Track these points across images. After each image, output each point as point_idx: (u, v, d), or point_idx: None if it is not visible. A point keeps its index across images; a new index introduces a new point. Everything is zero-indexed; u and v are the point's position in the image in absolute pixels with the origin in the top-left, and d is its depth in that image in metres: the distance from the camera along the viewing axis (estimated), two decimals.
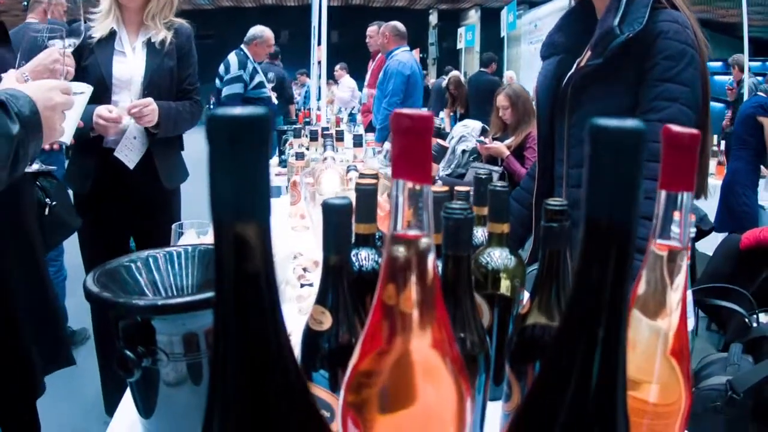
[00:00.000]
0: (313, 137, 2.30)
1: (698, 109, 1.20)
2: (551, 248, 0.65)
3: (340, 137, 2.09)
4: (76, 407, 2.36)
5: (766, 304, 2.35)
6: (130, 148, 1.94)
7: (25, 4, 3.22)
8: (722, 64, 6.79)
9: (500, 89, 3.74)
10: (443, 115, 6.47)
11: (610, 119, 0.31)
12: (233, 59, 4.24)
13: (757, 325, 2.24)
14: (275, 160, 3.13)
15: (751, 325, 2.24)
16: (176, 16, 2.03)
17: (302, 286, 1.26)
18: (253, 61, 4.29)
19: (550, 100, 1.41)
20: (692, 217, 0.51)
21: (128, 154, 1.94)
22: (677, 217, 0.47)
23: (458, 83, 6.58)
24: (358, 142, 2.13)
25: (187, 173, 2.16)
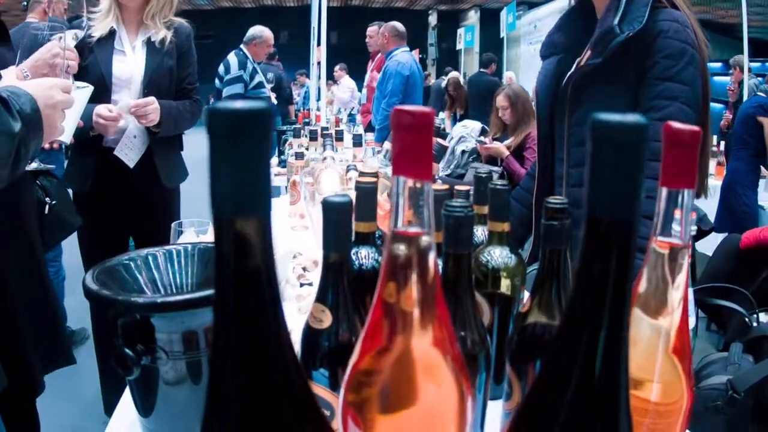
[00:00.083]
0: (312, 137, 2.30)
1: (698, 108, 1.20)
2: (552, 247, 0.65)
3: (339, 137, 2.09)
4: (75, 407, 2.35)
5: (766, 303, 2.35)
6: (130, 147, 1.93)
7: (24, 4, 3.22)
8: (722, 64, 6.78)
9: (500, 89, 3.74)
10: (443, 115, 6.47)
11: (611, 114, 0.31)
12: (233, 59, 4.24)
13: (757, 324, 2.24)
14: (275, 160, 3.13)
15: (751, 324, 2.24)
16: (176, 16, 2.03)
17: (302, 285, 1.26)
18: (252, 61, 4.29)
19: (550, 99, 1.41)
20: (693, 215, 0.51)
21: (128, 153, 1.94)
22: (678, 215, 0.47)
23: (457, 84, 6.57)
24: (357, 141, 2.13)
25: (186, 173, 2.16)
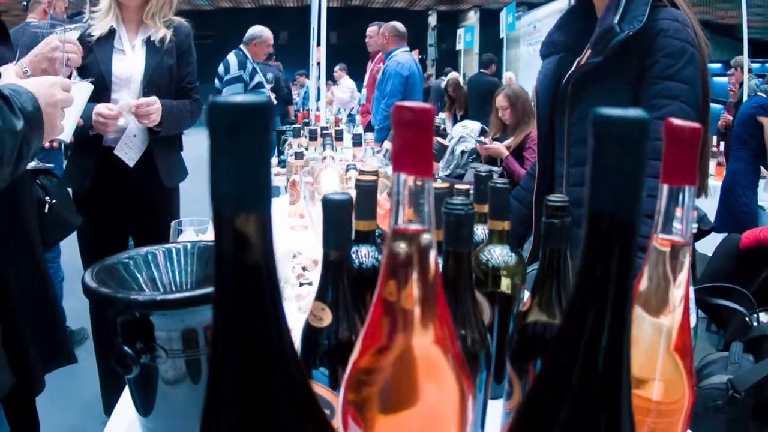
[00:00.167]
0: (312, 137, 2.30)
1: (698, 107, 1.20)
2: (552, 245, 0.65)
3: (339, 137, 2.09)
4: (74, 406, 2.35)
5: (766, 303, 2.35)
6: (129, 146, 1.93)
7: (24, 4, 3.22)
8: (721, 65, 6.77)
9: (499, 90, 3.74)
10: (444, 115, 6.46)
11: (613, 109, 0.31)
12: (233, 59, 4.24)
13: (757, 324, 2.24)
14: (274, 160, 3.13)
15: (751, 324, 2.24)
16: (175, 16, 2.03)
17: (301, 285, 1.26)
18: (252, 61, 4.29)
19: (550, 98, 1.41)
20: (694, 213, 0.50)
21: (128, 152, 1.94)
22: (679, 212, 0.47)
23: (457, 85, 6.56)
24: (357, 141, 2.13)
25: (186, 172, 2.16)
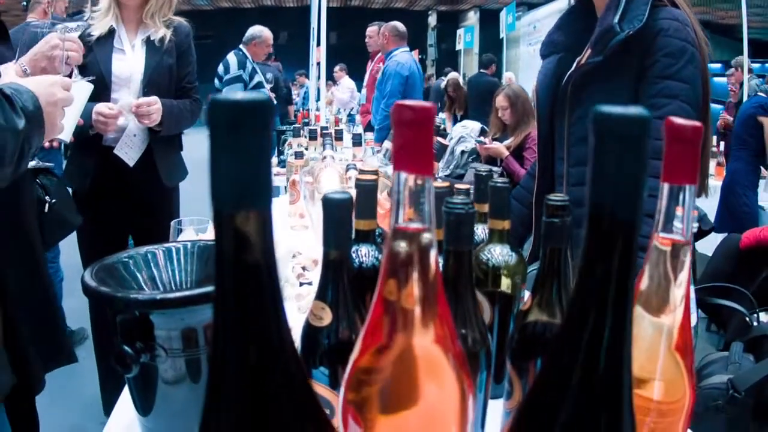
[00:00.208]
0: (312, 137, 2.30)
1: (698, 106, 1.20)
2: (552, 245, 0.65)
3: (339, 137, 2.09)
4: (74, 406, 2.35)
5: (766, 303, 2.35)
6: (129, 145, 1.93)
7: (24, 3, 3.22)
8: (721, 65, 6.76)
9: (499, 90, 3.74)
10: (444, 115, 6.46)
11: (613, 106, 0.31)
12: (232, 59, 4.24)
13: (757, 324, 2.24)
14: (274, 160, 3.13)
15: (751, 324, 2.25)
16: (175, 16, 2.03)
17: (301, 284, 1.26)
18: (252, 61, 4.29)
19: (550, 98, 1.40)
20: (694, 212, 0.50)
21: (128, 151, 1.94)
22: (680, 211, 0.47)
23: (457, 85, 6.56)
24: (357, 141, 2.13)
25: (186, 171, 2.16)
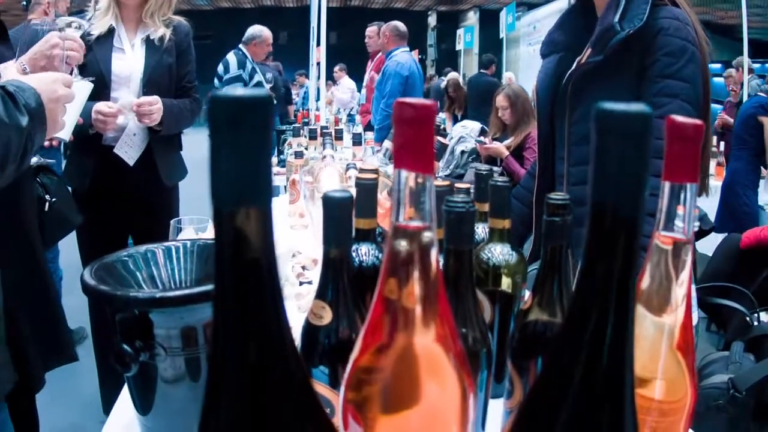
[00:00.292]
0: (312, 136, 2.30)
1: (699, 105, 1.20)
2: (553, 243, 0.65)
3: (339, 136, 2.08)
4: (73, 405, 2.35)
5: (766, 302, 2.35)
6: (129, 144, 1.93)
7: (24, 3, 3.22)
8: (721, 65, 6.76)
9: (499, 90, 3.74)
10: (444, 115, 6.46)
11: (615, 104, 0.31)
12: (232, 59, 4.24)
13: (758, 323, 2.24)
14: (274, 159, 3.12)
15: (752, 323, 2.25)
16: (174, 15, 2.03)
17: (301, 284, 1.25)
18: (252, 60, 4.29)
19: (550, 98, 1.40)
20: (695, 211, 0.50)
21: (128, 151, 1.93)
22: (681, 210, 0.47)
23: (457, 85, 6.56)
24: (357, 140, 2.13)
25: (185, 171, 2.15)
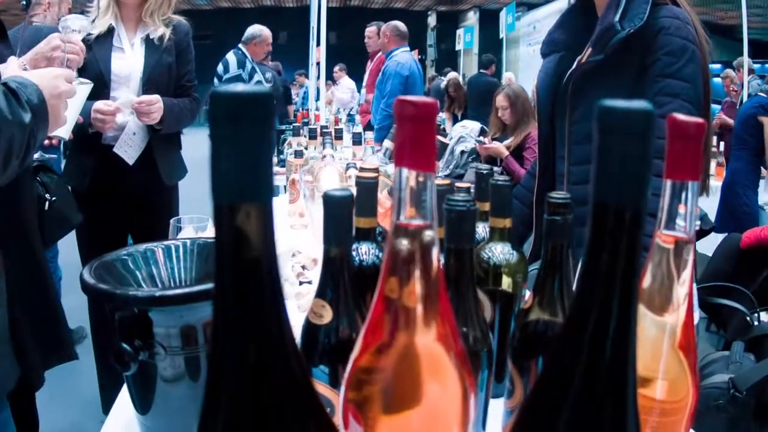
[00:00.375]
0: (311, 136, 2.29)
1: (700, 104, 1.20)
2: (554, 242, 0.65)
3: (339, 136, 2.08)
4: (73, 405, 2.35)
5: (767, 302, 2.35)
6: (129, 144, 1.93)
7: (23, 3, 3.21)
8: (721, 66, 6.76)
9: (499, 89, 3.74)
10: (444, 115, 6.46)
11: (617, 101, 0.31)
12: (232, 58, 4.24)
13: (758, 323, 2.25)
14: (274, 159, 3.12)
15: (752, 323, 2.25)
16: (174, 15, 2.03)
17: (301, 283, 1.25)
18: (251, 60, 4.29)
19: (550, 97, 1.40)
20: (697, 209, 0.50)
21: (128, 150, 1.93)
22: (682, 209, 0.47)
23: (457, 85, 6.57)
24: (357, 140, 2.12)
25: (185, 170, 2.15)
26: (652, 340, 0.50)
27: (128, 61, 1.93)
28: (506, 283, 0.81)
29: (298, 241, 1.54)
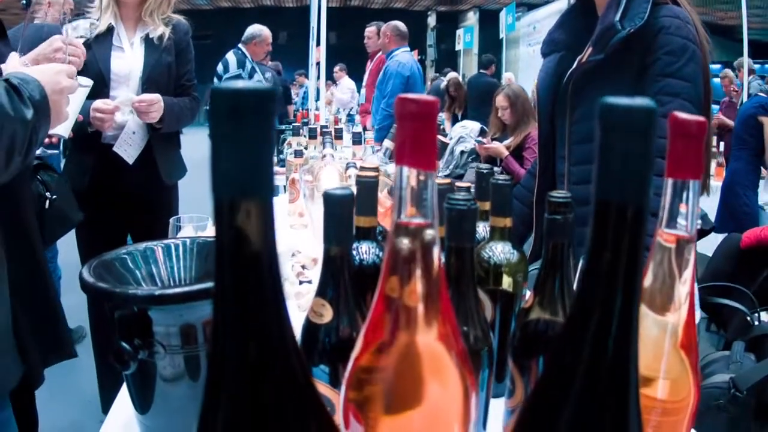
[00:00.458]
0: (311, 135, 2.29)
1: (700, 104, 1.20)
2: (554, 242, 0.65)
3: (339, 135, 2.08)
4: (72, 404, 2.36)
5: (767, 302, 2.35)
6: (129, 143, 1.93)
7: (23, 3, 3.21)
8: (721, 66, 6.76)
9: (499, 89, 3.74)
10: (444, 115, 6.46)
11: (619, 98, 0.31)
12: (232, 58, 4.24)
13: (758, 323, 2.25)
14: (274, 159, 3.12)
15: (752, 323, 2.25)
16: (173, 14, 2.03)
17: (301, 283, 1.25)
18: (251, 60, 4.29)
19: (551, 97, 1.40)
20: (698, 208, 0.50)
21: (127, 149, 1.93)
22: (684, 208, 0.47)
23: (458, 85, 6.57)
24: (357, 139, 2.12)
25: (185, 169, 2.15)
26: (653, 339, 0.50)
27: (128, 60, 1.93)
28: (507, 282, 0.81)
29: (297, 240, 1.54)
